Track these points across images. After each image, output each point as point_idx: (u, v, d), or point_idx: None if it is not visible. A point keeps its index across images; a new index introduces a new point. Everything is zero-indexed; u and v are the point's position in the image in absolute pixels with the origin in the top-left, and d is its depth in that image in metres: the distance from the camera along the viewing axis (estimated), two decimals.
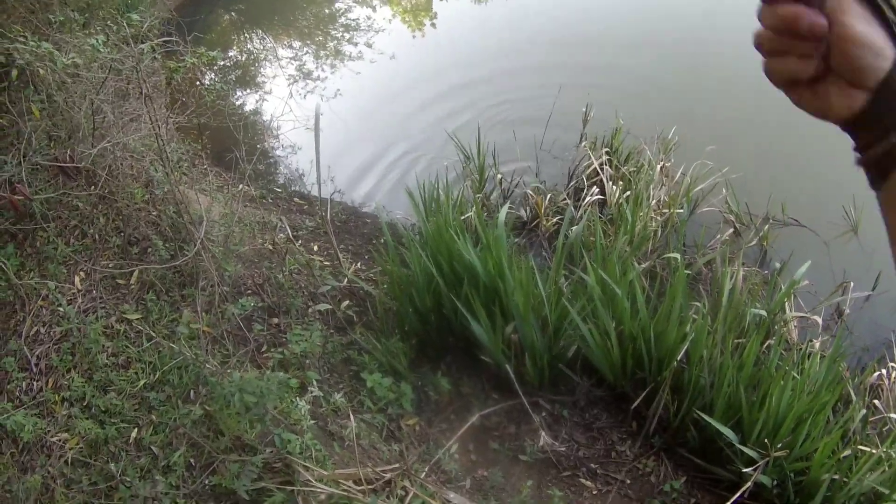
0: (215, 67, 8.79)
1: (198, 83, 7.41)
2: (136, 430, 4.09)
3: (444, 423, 4.61)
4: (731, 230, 6.20)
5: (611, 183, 6.09)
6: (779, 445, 3.89)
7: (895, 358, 4.94)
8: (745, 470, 3.93)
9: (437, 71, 9.10)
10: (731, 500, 3.85)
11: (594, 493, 4.35)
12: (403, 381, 4.55)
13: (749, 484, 3.89)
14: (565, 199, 6.21)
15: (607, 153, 6.43)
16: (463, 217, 5.45)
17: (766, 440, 3.92)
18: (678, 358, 4.28)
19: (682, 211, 6.02)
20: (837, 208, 6.32)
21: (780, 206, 6.32)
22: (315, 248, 5.80)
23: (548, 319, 4.48)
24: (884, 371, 4.82)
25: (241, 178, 5.56)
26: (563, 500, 4.17)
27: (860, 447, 3.95)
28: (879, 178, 0.79)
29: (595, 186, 6.12)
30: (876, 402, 4.61)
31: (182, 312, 4.71)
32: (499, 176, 6.60)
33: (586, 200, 5.90)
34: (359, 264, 5.76)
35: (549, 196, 6.24)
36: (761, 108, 7.75)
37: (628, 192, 5.86)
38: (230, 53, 10.16)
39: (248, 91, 9.08)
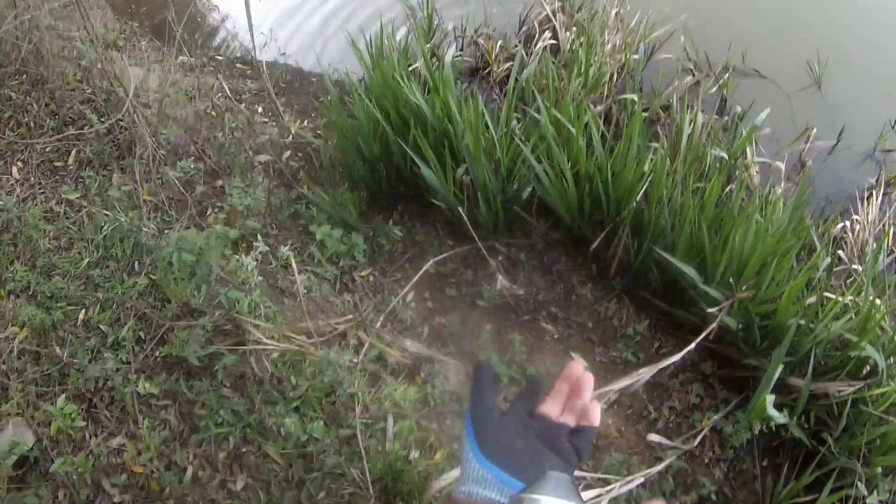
0: None
1: None
2: (83, 310, 4.02)
3: (399, 273, 4.46)
4: (689, 77, 6.01)
5: (564, 29, 5.84)
6: (743, 287, 3.78)
7: (859, 211, 4.86)
8: (709, 310, 3.82)
9: None
10: (697, 340, 3.75)
11: (555, 336, 4.26)
12: (354, 232, 4.40)
13: (714, 325, 3.79)
14: (517, 45, 5.94)
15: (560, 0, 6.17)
16: (411, 67, 5.19)
17: (730, 280, 3.80)
18: (637, 198, 4.13)
19: (637, 57, 5.80)
20: (801, 61, 6.16)
21: (740, 55, 6.13)
22: (259, 109, 5.57)
23: (500, 160, 4.29)
24: (847, 223, 4.74)
25: (178, 48, 5.27)
26: (523, 345, 4.07)
27: (825, 294, 3.86)
28: None
29: (548, 31, 5.86)
30: (840, 252, 4.54)
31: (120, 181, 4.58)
32: (450, 25, 6.31)
33: (538, 45, 5.64)
34: (305, 122, 5.54)
35: (499, 42, 5.99)
36: None
37: (582, 38, 5.62)
38: None
39: None
